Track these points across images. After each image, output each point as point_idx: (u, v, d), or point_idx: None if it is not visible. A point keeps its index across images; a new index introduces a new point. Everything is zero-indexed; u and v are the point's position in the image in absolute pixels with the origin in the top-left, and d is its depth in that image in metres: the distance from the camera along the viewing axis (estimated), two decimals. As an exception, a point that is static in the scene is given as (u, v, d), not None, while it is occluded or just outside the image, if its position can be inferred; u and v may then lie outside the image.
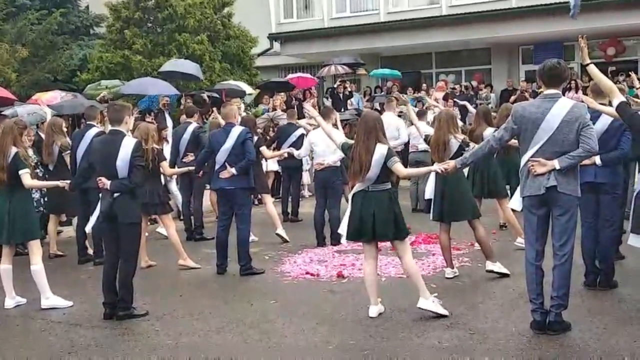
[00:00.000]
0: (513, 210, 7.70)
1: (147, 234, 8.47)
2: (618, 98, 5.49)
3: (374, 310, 5.75)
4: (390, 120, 10.83)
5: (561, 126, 4.95)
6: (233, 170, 7.49)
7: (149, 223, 11.35)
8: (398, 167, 5.64)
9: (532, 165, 5.02)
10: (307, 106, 7.56)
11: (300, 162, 11.30)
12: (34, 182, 6.64)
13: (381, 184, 5.67)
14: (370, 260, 5.82)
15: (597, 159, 5.90)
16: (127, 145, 5.97)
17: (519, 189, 5.43)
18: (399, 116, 12.74)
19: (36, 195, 9.23)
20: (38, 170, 8.83)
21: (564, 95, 5.34)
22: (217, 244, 7.76)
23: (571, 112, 4.96)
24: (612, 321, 5.43)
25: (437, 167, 5.80)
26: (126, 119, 6.18)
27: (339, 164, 8.96)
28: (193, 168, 8.49)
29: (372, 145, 5.60)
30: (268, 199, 9.93)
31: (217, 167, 7.71)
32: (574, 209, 5.11)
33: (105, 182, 5.95)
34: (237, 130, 7.67)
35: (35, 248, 6.48)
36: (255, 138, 8.78)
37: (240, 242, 7.61)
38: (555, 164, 4.94)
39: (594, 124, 5.28)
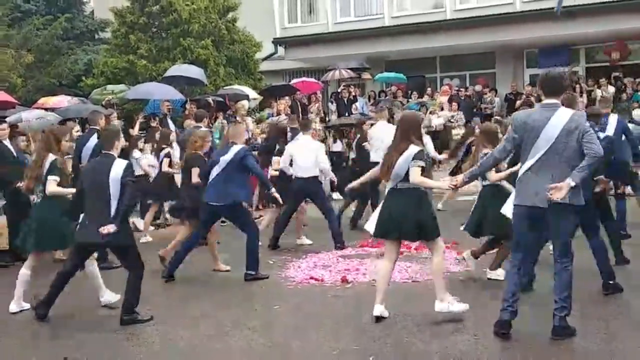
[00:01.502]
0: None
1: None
2: None
3: (378, 309, 5.71)
4: (386, 128, 10.62)
5: (561, 135, 4.94)
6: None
7: (155, 227, 11.46)
8: (414, 170, 5.59)
9: (551, 194, 4.85)
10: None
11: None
12: (57, 190, 6.69)
13: (411, 182, 5.65)
14: (388, 261, 5.79)
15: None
16: (118, 167, 6.02)
17: (511, 196, 5.41)
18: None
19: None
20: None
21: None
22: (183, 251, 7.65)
23: (571, 121, 4.95)
24: (616, 326, 5.42)
25: (447, 183, 5.70)
26: (116, 144, 6.23)
27: (319, 173, 9.04)
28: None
29: (404, 145, 5.65)
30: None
31: (210, 178, 7.61)
32: (573, 217, 5.09)
33: (109, 228, 5.82)
34: (236, 148, 7.59)
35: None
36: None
37: (249, 250, 7.55)
38: (570, 182, 4.83)
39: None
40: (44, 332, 5.98)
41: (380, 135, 10.32)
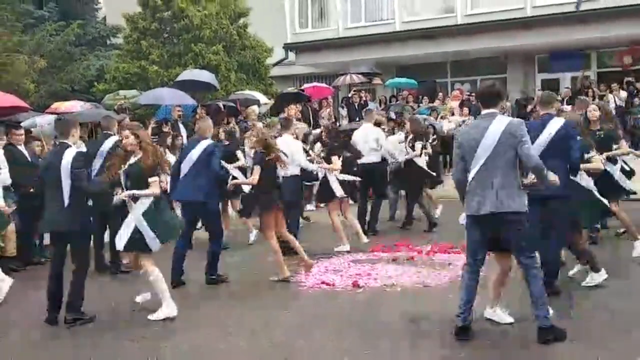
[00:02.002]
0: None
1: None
2: None
3: (488, 312, 5.76)
4: (369, 131, 10.68)
5: (500, 142, 5.09)
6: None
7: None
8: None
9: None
10: None
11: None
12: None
13: None
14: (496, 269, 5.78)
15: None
16: (69, 155, 6.12)
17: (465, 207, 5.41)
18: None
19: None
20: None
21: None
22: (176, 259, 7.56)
23: (508, 128, 5.10)
24: (606, 330, 5.46)
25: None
26: (72, 132, 6.33)
27: (298, 173, 8.96)
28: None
29: None
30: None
31: (181, 176, 7.64)
32: (524, 221, 5.17)
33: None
34: (205, 143, 7.63)
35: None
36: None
37: (211, 253, 7.60)
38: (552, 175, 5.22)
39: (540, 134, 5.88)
40: (44, 333, 6.01)
41: (365, 138, 10.38)
